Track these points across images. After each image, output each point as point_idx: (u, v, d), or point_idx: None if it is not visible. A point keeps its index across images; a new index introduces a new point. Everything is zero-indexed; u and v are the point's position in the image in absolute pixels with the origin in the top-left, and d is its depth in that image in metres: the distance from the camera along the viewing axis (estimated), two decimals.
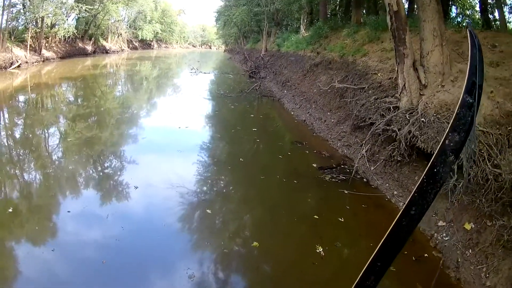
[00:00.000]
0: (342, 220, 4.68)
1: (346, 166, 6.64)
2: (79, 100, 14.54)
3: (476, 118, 1.01)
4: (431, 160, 0.81)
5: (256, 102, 13.90)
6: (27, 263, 3.68)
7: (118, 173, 6.49)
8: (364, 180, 6.03)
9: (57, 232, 4.37)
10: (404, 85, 6.03)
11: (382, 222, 4.58)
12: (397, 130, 5.64)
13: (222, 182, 6.08)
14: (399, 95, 6.24)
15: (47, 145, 8.19)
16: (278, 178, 6.02)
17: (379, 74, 7.87)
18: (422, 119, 5.19)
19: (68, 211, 4.84)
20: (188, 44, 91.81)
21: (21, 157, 7.34)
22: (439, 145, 0.80)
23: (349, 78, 9.01)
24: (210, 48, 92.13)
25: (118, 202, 5.29)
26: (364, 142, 6.78)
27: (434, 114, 5.07)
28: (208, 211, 4.83)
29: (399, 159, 5.51)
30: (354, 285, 0.85)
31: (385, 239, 0.82)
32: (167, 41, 70.55)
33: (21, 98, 14.17)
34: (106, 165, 7.02)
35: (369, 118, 6.92)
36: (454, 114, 0.96)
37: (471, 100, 1.00)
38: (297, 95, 13.02)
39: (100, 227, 4.49)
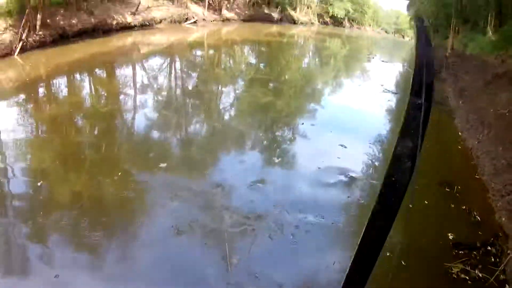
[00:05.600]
0: None
1: (493, 250, 4.30)
2: (260, 65, 14.54)
3: None
4: None
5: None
6: None
7: (287, 142, 6.77)
8: None
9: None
10: None
11: None
12: None
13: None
14: None
15: (218, 101, 8.55)
16: (383, 254, 3.87)
17: None
18: None
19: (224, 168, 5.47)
20: (381, 29, 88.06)
21: (190, 108, 7.93)
22: None
23: None
24: (403, 37, 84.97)
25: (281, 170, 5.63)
26: None
27: None
28: None
29: None
30: None
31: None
32: (359, 22, 69.41)
33: (198, 52, 14.85)
34: (276, 133, 7.31)
35: None
36: None
37: None
38: (471, 111, 10.83)
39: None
